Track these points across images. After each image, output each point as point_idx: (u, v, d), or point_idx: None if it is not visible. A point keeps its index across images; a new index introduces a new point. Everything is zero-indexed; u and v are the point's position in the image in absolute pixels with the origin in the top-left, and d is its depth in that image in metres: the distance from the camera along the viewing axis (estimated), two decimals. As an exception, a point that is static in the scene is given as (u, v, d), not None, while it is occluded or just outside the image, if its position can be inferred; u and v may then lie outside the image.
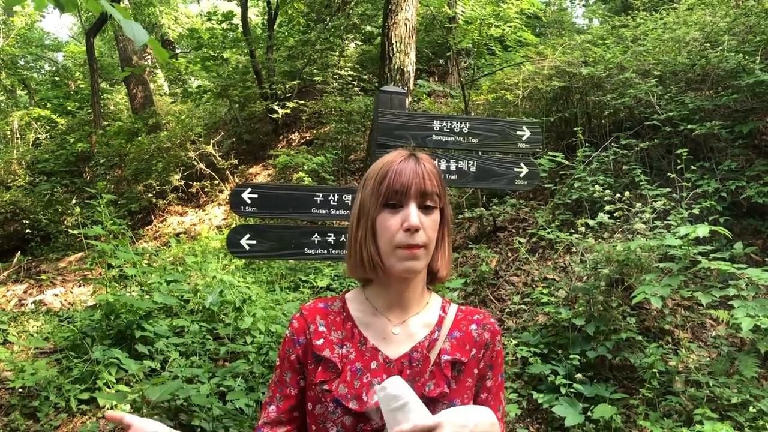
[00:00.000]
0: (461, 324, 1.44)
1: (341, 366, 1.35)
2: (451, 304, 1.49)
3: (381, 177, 1.36)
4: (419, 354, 1.36)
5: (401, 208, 1.33)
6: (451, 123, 3.21)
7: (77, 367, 4.28)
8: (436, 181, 1.37)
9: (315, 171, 8.85)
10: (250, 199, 3.04)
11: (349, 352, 1.37)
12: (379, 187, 1.35)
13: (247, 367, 4.12)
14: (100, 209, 5.48)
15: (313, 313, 1.43)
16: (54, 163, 13.63)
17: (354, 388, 1.31)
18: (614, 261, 4.49)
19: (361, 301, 1.45)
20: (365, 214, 1.38)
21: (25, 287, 8.08)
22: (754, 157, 5.79)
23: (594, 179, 5.75)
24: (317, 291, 6.32)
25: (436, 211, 1.37)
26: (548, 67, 7.69)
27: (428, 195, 1.34)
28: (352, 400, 1.30)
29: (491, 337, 1.45)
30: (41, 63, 21.43)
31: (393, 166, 1.36)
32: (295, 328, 1.42)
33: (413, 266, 1.33)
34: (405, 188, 1.33)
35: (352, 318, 1.42)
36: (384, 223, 1.34)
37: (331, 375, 1.34)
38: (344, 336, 1.39)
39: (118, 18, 2.04)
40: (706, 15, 7.09)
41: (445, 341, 1.39)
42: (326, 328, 1.40)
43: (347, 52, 13.11)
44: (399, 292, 1.40)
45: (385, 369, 1.34)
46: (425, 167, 1.36)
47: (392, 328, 1.40)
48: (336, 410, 1.31)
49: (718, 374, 3.97)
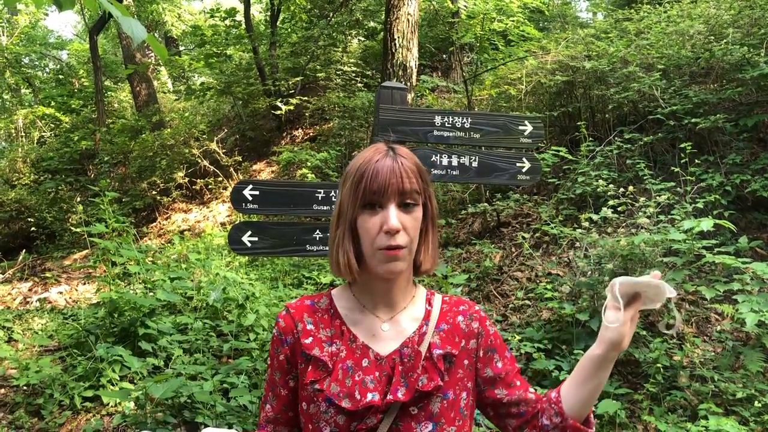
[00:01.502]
0: (447, 316, 1.43)
1: (332, 365, 1.33)
2: (435, 296, 1.48)
3: (358, 178, 1.32)
4: (410, 349, 1.35)
5: (381, 209, 1.31)
6: (452, 118, 3.19)
7: (81, 364, 4.29)
8: (416, 178, 1.34)
9: (318, 167, 8.84)
10: (252, 196, 3.04)
11: (339, 350, 1.35)
12: (357, 189, 1.32)
13: (250, 363, 4.13)
14: (104, 207, 5.49)
15: (300, 311, 1.41)
16: (58, 161, 13.67)
17: (346, 387, 1.30)
18: (618, 256, 4.47)
19: (348, 298, 1.43)
20: (343, 215, 1.36)
21: (30, 285, 8.11)
22: (759, 151, 5.75)
23: (598, 174, 5.72)
24: (320, 287, 6.32)
25: (418, 209, 1.34)
26: (551, 62, 7.66)
27: (407, 193, 1.31)
28: (344, 399, 1.28)
29: (481, 325, 1.44)
30: (45, 61, 21.50)
31: (370, 165, 1.32)
32: (282, 327, 1.39)
33: (394, 267, 1.31)
34: (383, 189, 1.29)
35: (340, 315, 1.40)
36: (364, 225, 1.31)
37: (322, 374, 1.32)
38: (333, 333, 1.37)
39: (116, 15, 2.03)
40: (711, 8, 7.03)
41: (433, 335, 1.38)
42: (314, 326, 1.38)
43: (350, 48, 13.09)
44: (384, 290, 1.39)
45: (377, 366, 1.33)
46: (403, 164, 1.32)
47: (381, 324, 1.38)
48: (329, 410, 1.29)
49: (723, 369, 3.95)
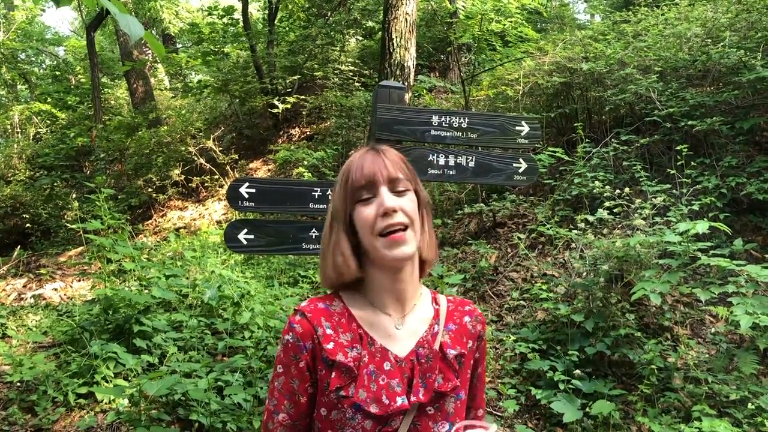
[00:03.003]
0: (455, 316, 1.44)
1: (357, 370, 1.30)
2: (439, 295, 1.48)
3: (346, 176, 1.35)
4: (425, 350, 1.35)
5: (374, 198, 1.32)
6: (449, 118, 3.19)
7: (75, 361, 4.28)
8: (403, 167, 1.36)
9: (315, 166, 8.84)
10: (248, 194, 3.03)
11: (361, 355, 1.31)
12: (346, 186, 1.34)
13: (245, 361, 4.12)
14: (100, 204, 5.48)
15: (316, 315, 1.34)
16: (54, 157, 13.63)
17: (372, 392, 1.28)
18: (614, 257, 4.48)
19: (360, 300, 1.39)
20: (336, 217, 1.37)
21: (25, 281, 8.08)
22: (754, 154, 5.77)
23: (594, 175, 5.74)
24: (316, 286, 6.32)
25: (411, 193, 1.36)
26: (549, 63, 7.67)
27: (396, 180, 1.33)
28: (372, 404, 1.26)
29: (482, 329, 1.46)
30: (42, 57, 21.41)
31: (355, 161, 1.36)
32: (300, 332, 1.32)
33: (403, 251, 1.30)
34: (370, 178, 1.32)
35: (355, 318, 1.36)
36: (360, 216, 1.32)
37: (347, 380, 1.29)
38: (352, 338, 1.34)
39: (113, 12, 2.03)
40: (708, 11, 7.05)
41: (444, 334, 1.39)
42: (333, 330, 1.33)
43: (348, 47, 13.08)
44: (395, 284, 1.36)
45: (398, 369, 1.32)
46: (387, 155, 1.36)
47: (394, 323, 1.37)
48: (356, 415, 1.27)
49: (716, 371, 3.96)
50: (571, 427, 3.78)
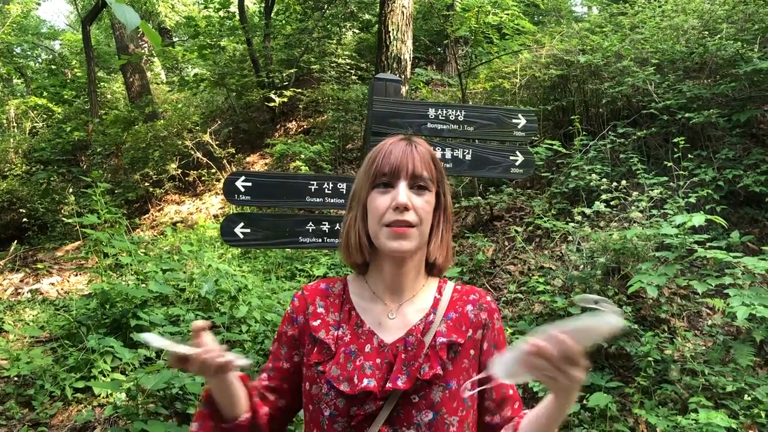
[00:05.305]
0: (457, 305, 1.44)
1: (334, 348, 1.35)
2: (447, 284, 1.49)
3: (372, 160, 1.37)
4: (414, 338, 1.35)
5: (392, 188, 1.33)
6: (446, 111, 3.18)
7: (72, 355, 4.28)
8: (430, 165, 1.37)
9: (312, 160, 8.83)
10: (244, 188, 3.02)
11: (344, 334, 1.37)
12: (369, 169, 1.36)
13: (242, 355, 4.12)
14: (96, 198, 5.46)
15: (313, 293, 1.45)
16: (51, 152, 13.59)
17: (346, 371, 1.31)
18: (610, 250, 4.48)
19: (361, 285, 1.45)
20: (357, 197, 1.40)
21: (22, 276, 8.07)
22: (751, 146, 5.77)
23: (591, 168, 5.73)
24: (313, 280, 6.31)
25: (429, 194, 1.37)
26: (546, 56, 7.65)
27: (419, 177, 1.34)
28: (343, 383, 1.29)
29: (489, 317, 1.44)
30: (37, 51, 21.27)
31: (384, 147, 1.37)
32: (296, 306, 1.44)
33: (402, 245, 1.32)
34: (394, 168, 1.33)
35: (351, 301, 1.43)
36: (373, 202, 1.34)
37: (325, 356, 1.34)
38: (341, 318, 1.39)
39: (109, 1, 2.02)
40: (705, 3, 7.04)
41: (441, 323, 1.38)
42: (324, 309, 1.42)
43: (345, 40, 13.04)
44: (393, 275, 1.40)
45: (379, 353, 1.34)
46: (417, 149, 1.37)
47: (388, 312, 1.39)
48: (329, 392, 1.31)
49: (713, 363, 3.97)
50: (568, 419, 3.79)
